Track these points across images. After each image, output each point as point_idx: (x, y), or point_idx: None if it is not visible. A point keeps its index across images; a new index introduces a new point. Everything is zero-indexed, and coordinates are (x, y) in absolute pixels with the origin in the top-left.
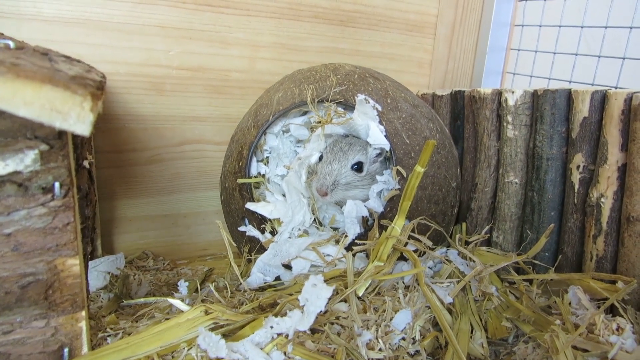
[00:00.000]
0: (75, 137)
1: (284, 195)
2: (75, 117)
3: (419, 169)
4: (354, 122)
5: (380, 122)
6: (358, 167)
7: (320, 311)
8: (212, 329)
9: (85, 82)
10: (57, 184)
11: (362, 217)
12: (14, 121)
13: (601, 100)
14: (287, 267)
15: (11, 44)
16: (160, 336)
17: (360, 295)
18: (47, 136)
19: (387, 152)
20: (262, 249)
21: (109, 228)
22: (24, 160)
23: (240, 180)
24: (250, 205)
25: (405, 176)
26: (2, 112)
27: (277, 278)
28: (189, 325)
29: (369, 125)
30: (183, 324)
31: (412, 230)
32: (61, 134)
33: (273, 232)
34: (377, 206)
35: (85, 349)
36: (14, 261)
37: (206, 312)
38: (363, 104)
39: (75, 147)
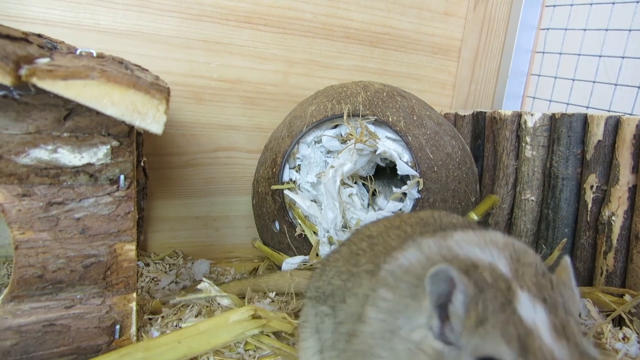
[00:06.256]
0: (137, 137)
1: (313, 200)
2: (152, 117)
3: (473, 216)
4: (380, 148)
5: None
6: None
7: None
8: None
9: (160, 87)
10: (122, 177)
11: None
12: (92, 119)
13: (615, 125)
14: None
15: (94, 52)
16: (209, 340)
17: None
18: (118, 134)
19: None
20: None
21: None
22: (97, 154)
23: (274, 187)
24: (290, 194)
25: (423, 186)
26: (85, 111)
27: None
28: (237, 328)
29: (392, 155)
30: (231, 326)
31: None
32: (129, 133)
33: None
34: None
35: (134, 327)
36: (81, 243)
37: (253, 316)
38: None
39: (137, 145)
